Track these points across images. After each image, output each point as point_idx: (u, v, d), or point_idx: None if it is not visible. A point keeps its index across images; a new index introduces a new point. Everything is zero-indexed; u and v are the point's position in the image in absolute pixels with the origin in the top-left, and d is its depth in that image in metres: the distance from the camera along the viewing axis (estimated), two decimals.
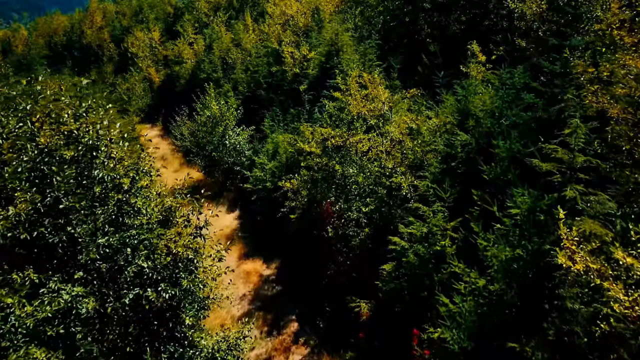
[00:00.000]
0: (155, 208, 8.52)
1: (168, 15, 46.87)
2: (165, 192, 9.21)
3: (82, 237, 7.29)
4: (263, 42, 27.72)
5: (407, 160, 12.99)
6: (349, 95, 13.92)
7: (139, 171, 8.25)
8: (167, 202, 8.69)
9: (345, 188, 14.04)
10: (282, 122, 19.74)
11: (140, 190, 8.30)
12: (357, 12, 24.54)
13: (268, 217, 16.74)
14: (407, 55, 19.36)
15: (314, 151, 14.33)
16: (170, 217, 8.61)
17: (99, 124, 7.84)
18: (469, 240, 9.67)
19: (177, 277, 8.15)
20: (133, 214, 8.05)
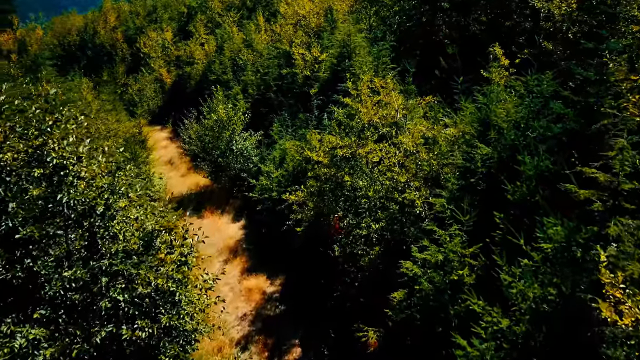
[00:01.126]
0: (136, 232, 7.58)
1: (182, 15, 46.33)
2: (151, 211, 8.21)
3: (44, 271, 6.40)
4: (274, 43, 26.86)
5: (421, 173, 11.93)
6: (359, 102, 12.89)
7: (115, 192, 7.28)
8: (148, 225, 7.73)
9: (354, 201, 13.03)
10: (291, 128, 18.79)
11: (116, 214, 7.35)
12: (372, 12, 23.52)
13: (274, 229, 15.81)
14: (423, 58, 18.27)
15: (321, 160, 13.37)
16: (152, 243, 7.65)
17: (66, 140, 6.90)
18: (490, 269, 8.60)
19: (156, 313, 7.22)
20: (108, 240, 7.14)
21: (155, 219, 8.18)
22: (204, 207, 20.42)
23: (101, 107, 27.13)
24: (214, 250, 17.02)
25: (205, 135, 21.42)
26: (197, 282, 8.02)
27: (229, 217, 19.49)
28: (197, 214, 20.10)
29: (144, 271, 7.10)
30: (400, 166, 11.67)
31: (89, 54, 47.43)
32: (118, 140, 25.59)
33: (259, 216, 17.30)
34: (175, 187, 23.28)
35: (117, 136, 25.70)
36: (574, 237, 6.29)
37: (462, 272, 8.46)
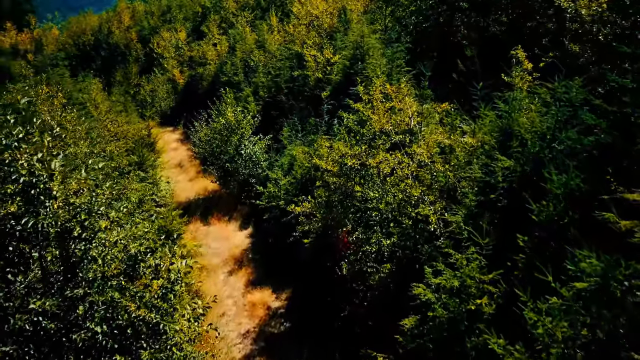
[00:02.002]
0: (118, 255, 6.87)
1: (196, 15, 45.95)
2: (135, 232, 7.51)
3: (7, 303, 5.75)
4: (287, 44, 26.17)
5: (436, 184, 11.10)
6: (370, 109, 12.10)
7: (93, 212, 6.57)
8: (132, 248, 7.02)
9: (364, 214, 12.25)
10: (301, 133, 18.06)
11: (95, 236, 6.65)
12: (388, 12, 22.68)
13: (280, 239, 15.10)
14: (440, 61, 17.39)
15: (330, 169, 12.63)
16: (135, 268, 6.95)
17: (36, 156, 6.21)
18: (511, 297, 7.76)
19: (137, 347, 6.52)
20: (86, 265, 6.45)
21: (140, 240, 7.44)
22: (211, 213, 19.81)
23: (111, 108, 26.73)
24: (219, 260, 16.37)
25: (213, 139, 20.80)
26: (185, 311, 7.23)
27: (236, 224, 18.83)
28: (204, 220, 19.49)
29: (125, 300, 6.40)
30: (414, 178, 10.84)
31: (103, 54, 47.32)
32: (128, 142, 25.20)
33: (267, 224, 16.60)
34: (183, 191, 22.75)
35: (127, 138, 25.29)
36: (612, 273, 5.43)
37: (480, 302, 7.62)
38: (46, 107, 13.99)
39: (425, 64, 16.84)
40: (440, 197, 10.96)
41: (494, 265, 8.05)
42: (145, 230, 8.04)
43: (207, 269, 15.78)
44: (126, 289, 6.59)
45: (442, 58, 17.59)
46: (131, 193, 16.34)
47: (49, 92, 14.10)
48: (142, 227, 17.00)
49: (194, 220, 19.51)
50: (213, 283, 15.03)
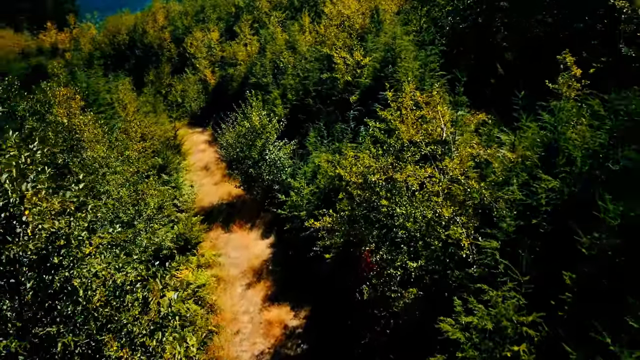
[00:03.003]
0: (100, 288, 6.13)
1: (230, 15, 45.72)
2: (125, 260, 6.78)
3: None
4: (317, 45, 25.34)
5: (470, 201, 10.03)
6: (399, 117, 11.13)
7: (72, 239, 5.83)
8: (118, 277, 6.27)
9: (390, 232, 11.28)
10: (327, 139, 17.18)
11: (74, 266, 5.92)
12: (423, 12, 21.59)
13: (301, 252, 14.28)
14: (477, 65, 16.22)
15: (355, 181, 11.71)
16: (121, 300, 6.21)
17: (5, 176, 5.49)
18: (556, 343, 6.68)
19: None
20: (66, 296, 5.74)
21: (128, 269, 6.70)
22: (233, 220, 19.15)
23: (139, 109, 26.49)
24: (238, 271, 15.67)
25: (237, 143, 20.16)
26: (176, 351, 6.39)
27: (257, 232, 18.10)
28: (225, 227, 18.85)
29: (107, 337, 5.65)
30: (445, 196, 9.81)
31: (137, 53, 47.63)
32: (155, 144, 24.90)
33: (287, 235, 15.81)
34: (207, 195, 22.22)
35: (153, 139, 24.99)
36: None
37: (518, 348, 6.56)
38: (62, 109, 13.62)
39: (461, 68, 15.74)
40: (474, 216, 9.90)
41: (535, 304, 6.97)
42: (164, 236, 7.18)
43: (224, 280, 15.09)
44: (110, 322, 5.84)
45: (480, 62, 16.43)
46: (150, 198, 15.83)
47: (66, 94, 13.72)
48: (161, 233, 16.59)
49: (215, 226, 18.89)
50: (230, 296, 14.32)
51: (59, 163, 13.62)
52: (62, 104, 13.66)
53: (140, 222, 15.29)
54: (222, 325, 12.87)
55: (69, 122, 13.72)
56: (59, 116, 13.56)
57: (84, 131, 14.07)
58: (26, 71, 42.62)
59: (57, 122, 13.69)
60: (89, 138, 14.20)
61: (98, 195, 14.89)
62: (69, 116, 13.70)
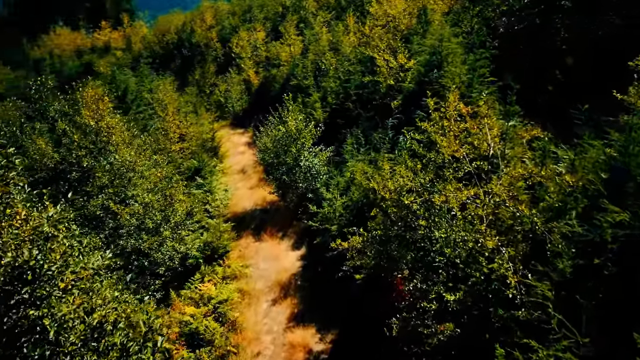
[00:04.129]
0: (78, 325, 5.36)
1: (277, 15, 45.32)
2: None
3: None
4: (361, 47, 24.28)
5: (519, 227, 8.77)
6: (440, 129, 9.96)
7: (42, 272, 5.07)
8: (96, 316, 5.46)
9: (426, 256, 10.14)
10: (364, 147, 16.14)
11: (47, 300, 5.17)
12: (475, 12, 20.11)
13: (331, 269, 13.31)
14: (532, 70, 14.73)
15: (389, 197, 10.65)
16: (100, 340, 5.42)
17: None
18: None
19: None
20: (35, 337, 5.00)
21: (109, 306, 5.91)
22: (265, 228, 18.41)
23: (179, 109, 26.25)
24: (264, 285, 14.88)
25: (273, 147, 19.41)
26: None
27: (289, 243, 17.26)
28: (256, 235, 18.13)
29: None
30: (489, 224, 8.59)
31: (184, 52, 48.01)
32: (192, 145, 24.57)
33: (318, 249, 14.89)
34: (241, 200, 21.62)
35: (192, 139, 24.67)
36: None
37: None
38: (90, 111, 13.24)
39: (514, 74, 14.32)
40: (523, 248, 8.63)
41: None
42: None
43: (249, 295, 14.34)
44: None
45: (535, 67, 14.91)
46: (178, 204, 15.29)
47: (94, 96, 13.35)
48: (189, 240, 16.03)
49: (246, 234, 18.21)
50: (254, 313, 13.55)
51: (84, 166, 13.24)
52: (90, 105, 13.28)
53: (167, 229, 14.77)
54: (242, 345, 12.11)
55: (96, 124, 13.32)
56: (86, 118, 13.19)
57: (111, 134, 13.64)
58: (78, 69, 43.71)
59: (85, 124, 13.33)
60: (117, 141, 13.75)
61: (126, 199, 14.49)
62: (96, 118, 13.29)
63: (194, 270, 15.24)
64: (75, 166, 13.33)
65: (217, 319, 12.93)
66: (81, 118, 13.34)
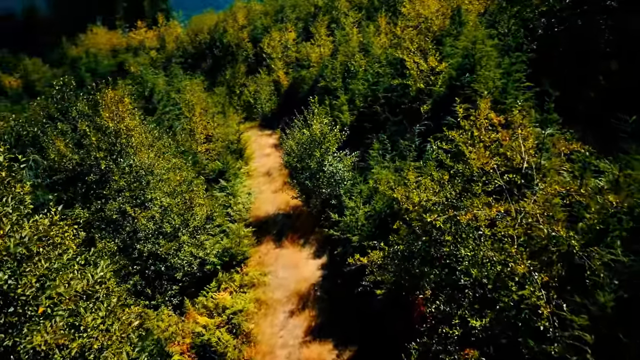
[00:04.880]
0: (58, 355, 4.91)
1: (309, 15, 44.92)
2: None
3: None
4: (391, 49, 23.54)
5: (554, 248, 7.97)
6: (470, 139, 9.23)
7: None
8: (74, 345, 5.01)
9: (451, 275, 9.43)
10: (390, 154, 15.46)
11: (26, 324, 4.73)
12: (512, 13, 19.11)
13: (350, 282, 12.72)
14: (573, 75, 13.75)
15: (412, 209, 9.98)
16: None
17: None
18: None
19: None
20: None
21: (99, 330, 5.44)
22: (286, 234, 17.93)
23: (207, 110, 26.06)
24: (283, 295, 14.37)
25: (297, 151, 18.91)
26: None
27: (310, 250, 16.70)
28: (277, 241, 17.66)
29: None
30: (519, 246, 7.82)
31: (215, 52, 48.13)
32: (217, 145, 24.35)
33: (339, 259, 14.30)
34: (264, 203, 21.20)
35: (218, 141, 24.45)
36: None
37: None
38: (108, 112, 13.02)
39: (552, 79, 13.42)
40: (557, 271, 7.84)
41: None
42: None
43: (267, 304, 13.87)
44: None
45: (576, 72, 13.93)
46: (198, 208, 14.96)
47: (114, 97, 13.12)
48: (208, 245, 15.68)
49: (267, 240, 17.76)
50: (270, 324, 13.06)
51: (102, 169, 13.02)
52: (109, 106, 13.07)
53: (185, 233, 14.45)
54: (255, 359, 11.62)
55: (114, 126, 13.09)
56: (105, 120, 12.98)
57: (131, 136, 13.39)
58: (111, 68, 44.36)
59: (105, 126, 13.13)
60: (136, 143, 13.49)
61: (145, 202, 14.23)
62: (115, 120, 13.06)
63: (212, 276, 14.88)
64: (94, 168, 13.15)
65: (231, 330, 12.50)
66: (101, 119, 13.14)
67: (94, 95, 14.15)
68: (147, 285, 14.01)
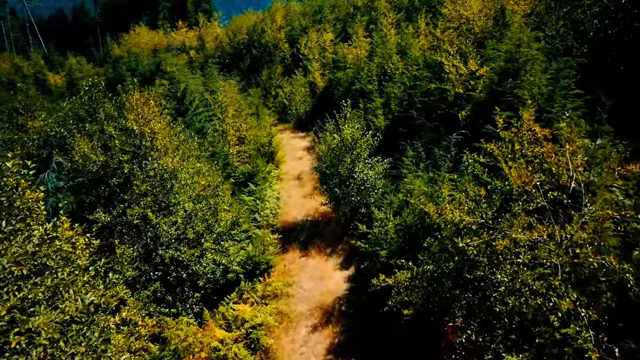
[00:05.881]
0: None
1: (348, 16, 44.24)
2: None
3: None
4: (431, 51, 22.59)
5: (604, 277, 7.05)
6: (509, 154, 8.36)
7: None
8: None
9: (485, 300, 8.59)
10: (424, 162, 14.61)
11: None
12: (561, 14, 17.88)
13: (379, 297, 11.95)
14: (628, 82, 12.56)
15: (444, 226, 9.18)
16: None
17: None
18: None
19: None
20: None
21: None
22: (313, 242, 17.29)
23: (240, 111, 25.74)
24: (306, 308, 13.74)
25: (327, 156, 18.26)
26: None
27: (337, 261, 16.00)
28: (304, 249, 17.04)
29: None
30: (563, 274, 6.94)
31: (253, 52, 48.04)
32: (250, 147, 24.00)
33: (366, 272, 13.58)
34: (293, 208, 20.66)
35: (250, 143, 24.10)
36: None
37: None
38: (133, 115, 12.73)
39: (605, 86, 12.28)
40: (607, 305, 6.91)
41: None
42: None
43: (288, 318, 13.26)
44: None
45: (632, 78, 12.72)
46: (222, 214, 14.53)
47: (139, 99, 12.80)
48: (233, 251, 15.24)
49: (293, 248, 17.16)
50: (291, 339, 12.45)
51: (125, 172, 12.74)
52: (134, 109, 12.78)
53: (209, 239, 14.05)
54: None
55: (139, 129, 12.78)
56: (130, 122, 12.69)
57: (156, 139, 13.06)
58: (151, 68, 44.83)
59: (129, 128, 12.85)
60: (160, 146, 13.15)
61: (170, 206, 13.91)
62: (140, 123, 12.75)
63: (234, 285, 14.42)
64: (118, 171, 12.90)
65: (249, 345, 11.95)
66: (126, 121, 12.88)
67: (121, 97, 13.92)
68: (168, 291, 13.67)
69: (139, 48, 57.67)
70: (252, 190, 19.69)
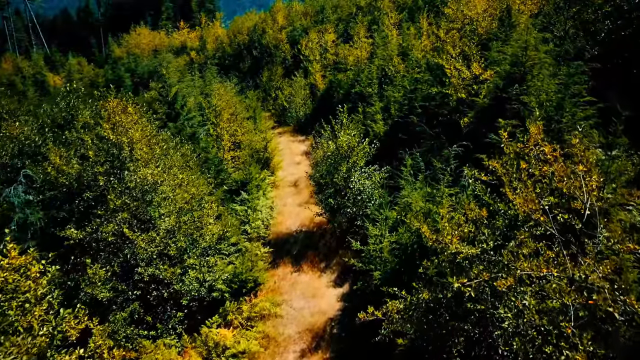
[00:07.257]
0: None
1: (350, 16, 43.24)
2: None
3: None
4: (433, 53, 21.61)
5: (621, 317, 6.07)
6: (515, 173, 7.40)
7: None
8: None
9: (486, 335, 7.64)
10: (423, 172, 13.65)
11: None
12: (571, 14, 16.85)
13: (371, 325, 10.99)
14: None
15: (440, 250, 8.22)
16: None
17: None
18: None
19: None
20: None
21: None
22: (306, 256, 16.34)
23: (237, 114, 24.83)
24: (295, 330, 12.80)
25: (321, 165, 17.32)
26: None
27: (330, 277, 15.04)
28: (296, 264, 16.10)
29: None
30: (576, 322, 5.97)
31: (254, 54, 47.16)
32: (245, 153, 23.10)
33: (360, 293, 12.63)
34: (288, 218, 19.72)
35: (245, 148, 23.22)
36: None
37: None
38: (109, 123, 11.82)
39: (619, 93, 11.30)
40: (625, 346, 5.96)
41: None
42: None
43: (275, 342, 12.33)
44: None
45: None
46: (207, 228, 13.63)
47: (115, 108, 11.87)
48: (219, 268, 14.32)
49: (284, 262, 16.21)
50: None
51: (100, 185, 11.83)
52: (111, 117, 11.88)
53: (192, 256, 13.14)
54: None
55: (115, 138, 11.89)
56: (106, 131, 11.79)
57: (135, 149, 12.16)
58: (149, 69, 44.04)
59: (105, 138, 11.96)
60: (140, 157, 12.25)
61: (152, 220, 13.00)
62: (117, 132, 11.85)
63: (219, 304, 13.49)
64: (93, 184, 12.00)
65: None
66: (102, 130, 11.99)
67: (97, 104, 13.03)
68: (148, 311, 12.77)
69: (140, 49, 56.98)
70: (244, 199, 18.76)
